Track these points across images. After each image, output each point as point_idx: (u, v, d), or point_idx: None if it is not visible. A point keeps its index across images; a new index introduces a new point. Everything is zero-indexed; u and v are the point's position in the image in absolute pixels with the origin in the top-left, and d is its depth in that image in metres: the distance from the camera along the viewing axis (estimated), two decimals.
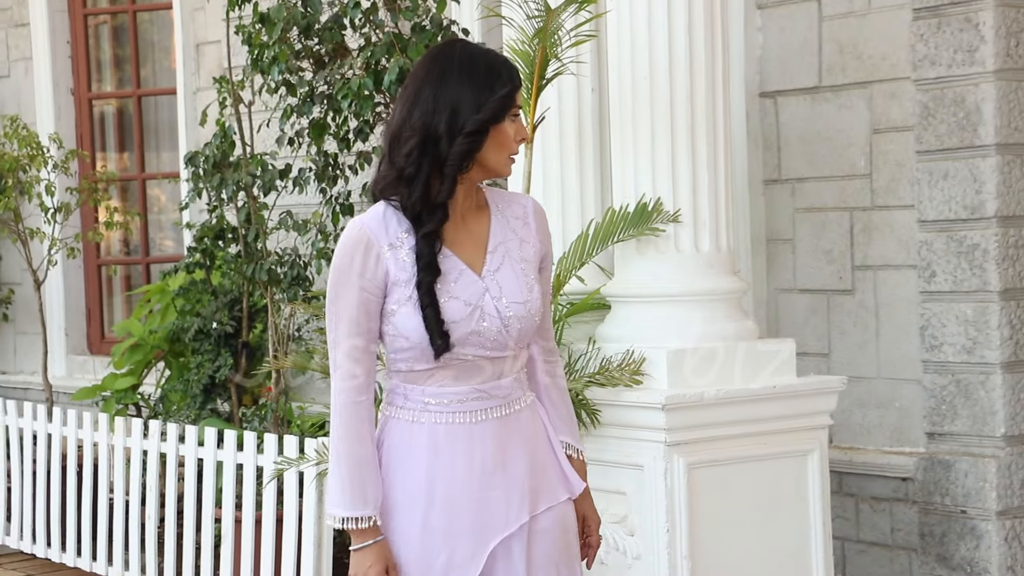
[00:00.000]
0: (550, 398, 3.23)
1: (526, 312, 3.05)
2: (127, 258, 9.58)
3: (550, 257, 3.19)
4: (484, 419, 3.06)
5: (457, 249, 3.05)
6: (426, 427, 3.04)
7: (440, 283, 3.01)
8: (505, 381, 3.08)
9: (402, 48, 5.84)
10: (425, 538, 3.03)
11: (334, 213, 6.49)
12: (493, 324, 3.02)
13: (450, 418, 3.04)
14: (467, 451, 3.04)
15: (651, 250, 4.96)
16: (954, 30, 5.67)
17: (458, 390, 3.04)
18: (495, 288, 3.04)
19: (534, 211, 3.16)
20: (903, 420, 5.97)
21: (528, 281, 3.07)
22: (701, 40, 4.99)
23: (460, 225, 3.06)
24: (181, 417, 7.33)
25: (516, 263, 3.07)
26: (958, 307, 5.72)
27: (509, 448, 3.07)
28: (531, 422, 3.14)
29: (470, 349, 3.02)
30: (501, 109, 3.00)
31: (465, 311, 3.00)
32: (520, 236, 3.11)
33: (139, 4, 9.36)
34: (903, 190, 5.92)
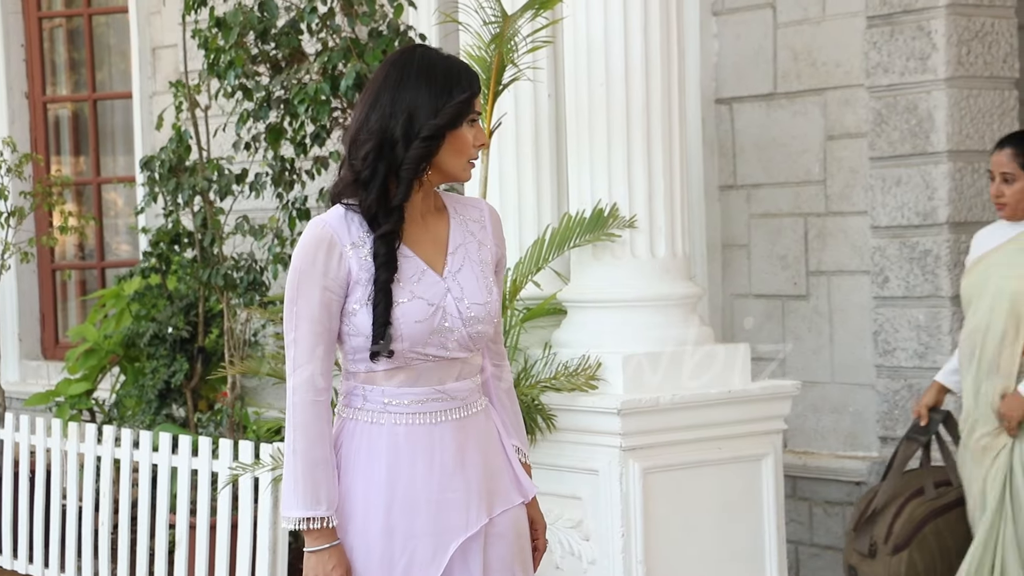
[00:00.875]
0: (501, 402, 3.24)
1: (486, 313, 3.06)
2: (82, 262, 9.53)
3: (504, 261, 3.21)
4: (443, 420, 3.06)
5: (418, 249, 3.05)
6: (386, 428, 3.04)
7: (402, 283, 3.01)
8: (464, 383, 3.09)
9: (359, 53, 5.83)
10: (386, 540, 3.03)
11: (290, 218, 6.47)
12: (455, 324, 3.02)
13: (410, 419, 3.04)
14: (427, 452, 3.03)
15: (607, 256, 4.97)
16: (907, 38, 5.71)
17: (417, 391, 3.04)
18: (456, 289, 3.04)
19: (490, 215, 3.18)
20: (856, 424, 6.00)
21: (487, 283, 3.09)
22: (657, 47, 5.01)
23: (420, 226, 3.07)
24: (136, 422, 7.29)
25: (475, 265, 3.08)
26: (911, 312, 5.75)
27: (468, 450, 3.07)
28: (486, 425, 3.14)
29: (431, 349, 3.02)
30: (458, 114, 3.00)
31: (428, 311, 3.00)
32: (478, 239, 3.12)
33: (95, 7, 9.31)
34: (857, 196, 5.95)
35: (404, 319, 2.99)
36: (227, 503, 5.53)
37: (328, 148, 6.28)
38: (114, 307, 8.04)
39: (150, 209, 7.55)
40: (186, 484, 5.72)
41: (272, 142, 6.26)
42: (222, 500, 5.52)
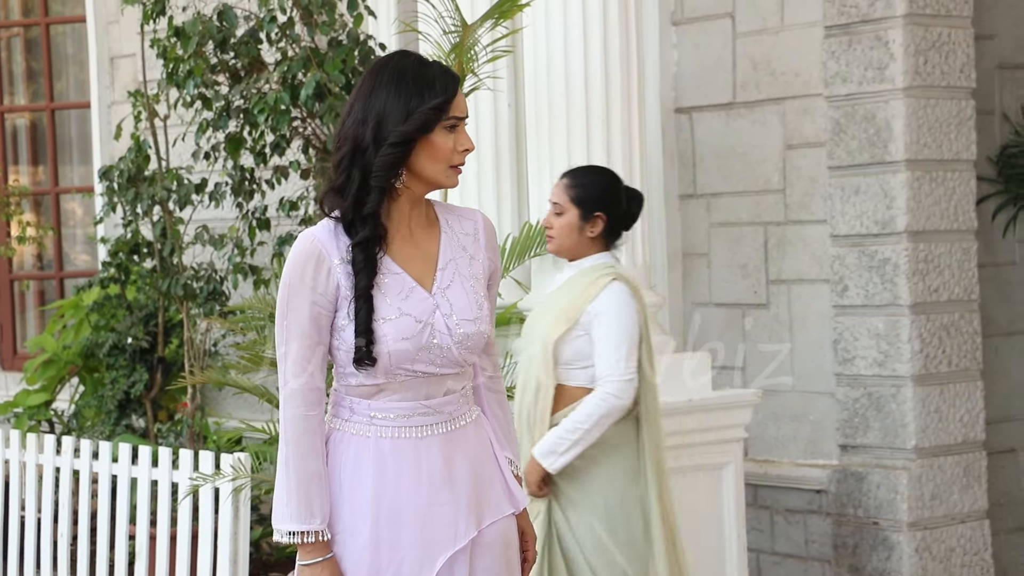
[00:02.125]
0: (493, 412, 3.21)
1: (475, 329, 3.02)
2: (40, 273, 9.47)
3: (498, 274, 3.15)
4: (429, 434, 3.03)
5: (407, 266, 3.02)
6: (371, 441, 3.02)
7: (390, 299, 2.98)
8: (452, 398, 3.05)
9: (319, 62, 5.82)
10: (373, 553, 3.01)
11: (250, 227, 6.45)
12: (443, 341, 2.99)
13: (396, 432, 3.02)
14: (413, 465, 3.02)
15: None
16: (864, 48, 5.74)
17: (404, 405, 3.02)
18: (446, 305, 3.01)
19: (484, 227, 3.12)
20: (816, 433, 6.02)
21: (478, 298, 3.04)
22: (616, 56, 5.02)
23: (409, 241, 3.04)
24: (95, 433, 7.25)
25: (466, 280, 3.04)
26: (870, 321, 5.78)
27: (456, 463, 3.04)
28: (476, 437, 3.11)
29: (420, 366, 2.99)
30: (429, 120, 2.95)
31: (416, 328, 2.97)
32: (470, 253, 3.08)
33: (52, 16, 9.26)
34: (816, 205, 5.97)
35: (391, 336, 2.96)
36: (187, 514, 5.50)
37: (288, 158, 6.27)
38: (73, 317, 7.99)
39: (109, 219, 7.52)
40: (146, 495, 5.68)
41: (232, 152, 6.24)
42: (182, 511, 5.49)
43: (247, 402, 7.14)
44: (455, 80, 3.01)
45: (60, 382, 7.94)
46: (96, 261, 8.87)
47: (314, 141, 6.12)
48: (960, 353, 5.79)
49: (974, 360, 5.84)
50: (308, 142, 6.15)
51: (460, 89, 3.02)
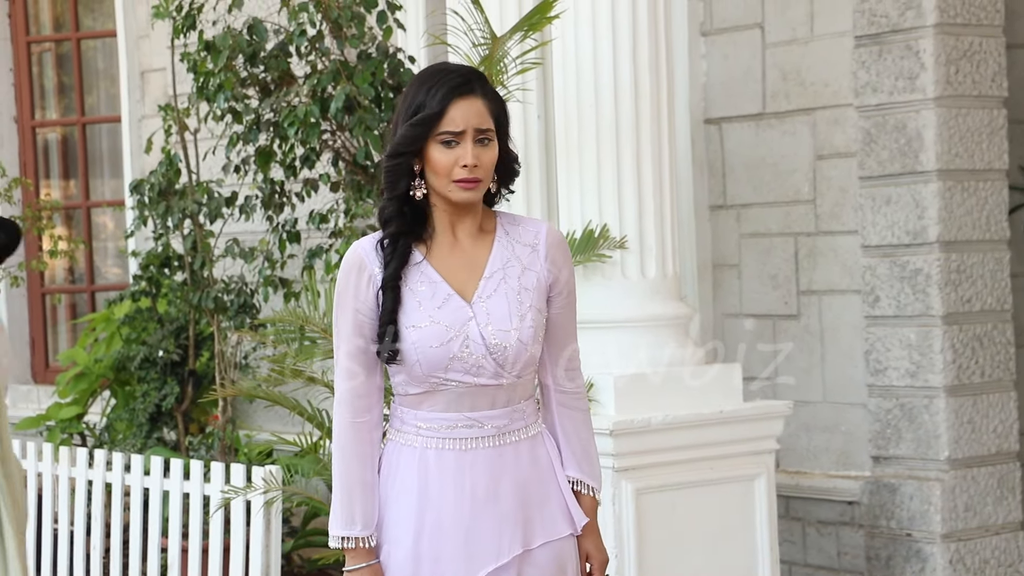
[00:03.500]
0: (563, 430, 3.14)
1: (513, 340, 2.98)
2: (72, 286, 9.51)
3: (568, 285, 3.08)
4: (474, 448, 3.02)
5: (449, 274, 3.02)
6: (417, 451, 3.03)
7: (424, 306, 2.99)
8: (499, 411, 3.03)
9: (348, 75, 5.83)
10: (415, 565, 3.02)
11: (280, 240, 6.46)
12: (476, 351, 2.97)
13: (440, 443, 3.02)
14: (456, 479, 3.01)
15: (598, 276, 4.98)
16: (895, 57, 5.72)
17: (448, 416, 3.02)
18: (483, 315, 2.99)
19: (547, 237, 3.06)
20: (848, 444, 6.00)
21: (522, 309, 3.00)
22: (646, 68, 5.02)
23: (454, 250, 3.04)
24: (127, 446, 7.27)
25: (512, 291, 3.01)
26: (902, 331, 5.76)
27: (503, 479, 3.02)
28: (531, 454, 3.07)
29: (455, 375, 2.99)
30: (414, 136, 2.95)
31: (445, 336, 2.97)
32: (524, 263, 3.03)
33: (83, 31, 9.31)
34: (847, 215, 5.96)
35: (420, 344, 2.98)
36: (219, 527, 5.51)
37: (318, 170, 6.28)
38: (104, 331, 8.02)
39: (140, 233, 7.55)
40: (178, 508, 5.70)
41: (261, 165, 6.25)
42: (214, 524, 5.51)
43: (278, 415, 7.15)
44: (453, 93, 2.95)
45: (92, 395, 7.97)
46: (127, 274, 8.91)
47: (344, 154, 6.13)
48: (993, 364, 5.76)
49: (1007, 371, 5.81)
50: (338, 155, 6.16)
51: (467, 101, 2.94)
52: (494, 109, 2.99)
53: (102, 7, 9.24)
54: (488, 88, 3.01)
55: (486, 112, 2.97)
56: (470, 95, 2.96)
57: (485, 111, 2.97)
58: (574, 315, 3.13)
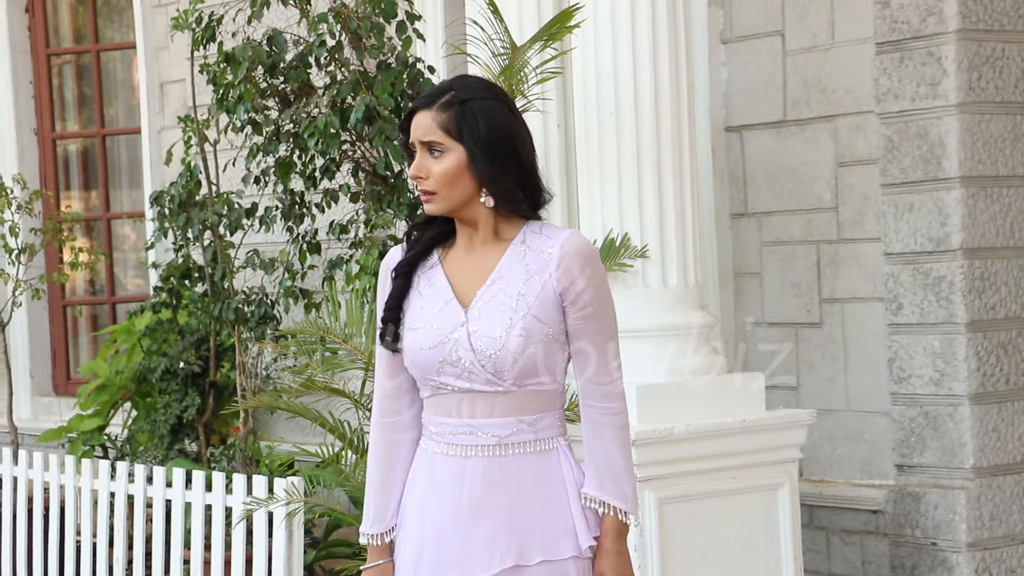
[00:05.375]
0: (588, 446, 3.09)
1: (498, 347, 2.98)
2: (93, 298, 9.55)
3: (587, 296, 3.02)
4: (473, 455, 3.03)
5: (456, 279, 3.07)
6: (428, 456, 3.09)
7: (424, 309, 3.05)
8: (499, 420, 3.03)
9: (368, 86, 5.85)
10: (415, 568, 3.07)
11: (301, 251, 6.48)
12: (465, 356, 3.00)
13: (445, 449, 3.06)
14: (456, 485, 3.04)
15: (619, 285, 4.98)
16: (917, 64, 5.72)
17: (448, 421, 3.05)
18: (474, 320, 3.01)
19: (563, 246, 3.02)
20: (872, 453, 5.99)
21: (514, 316, 2.99)
22: (666, 76, 5.03)
23: (468, 256, 3.08)
24: (148, 458, 7.30)
25: (510, 298, 3.01)
26: (925, 339, 5.75)
27: (502, 490, 3.02)
28: (539, 469, 3.05)
29: (448, 379, 3.02)
30: (401, 144, 3.11)
31: (435, 339, 3.01)
32: (530, 270, 3.02)
33: (103, 43, 9.36)
34: (869, 223, 5.96)
35: (413, 346, 3.04)
36: (241, 538, 5.54)
37: (338, 181, 6.30)
38: (125, 342, 8.06)
39: (160, 244, 7.58)
40: (200, 519, 5.73)
41: (282, 176, 6.28)
42: (236, 535, 5.53)
43: (299, 426, 7.17)
44: (413, 106, 3.03)
45: (113, 407, 8.00)
46: (148, 286, 8.94)
47: (363, 164, 6.15)
48: (1018, 371, 5.76)
49: None
50: (358, 165, 6.18)
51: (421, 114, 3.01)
52: (448, 122, 2.99)
53: (122, 19, 9.29)
54: (453, 101, 3.00)
55: (433, 125, 2.99)
56: (424, 108, 3.02)
57: (432, 124, 3.00)
58: (599, 327, 3.06)
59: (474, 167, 3.00)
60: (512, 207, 3.05)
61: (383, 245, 6.06)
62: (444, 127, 3.00)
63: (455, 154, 3.00)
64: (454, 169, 3.00)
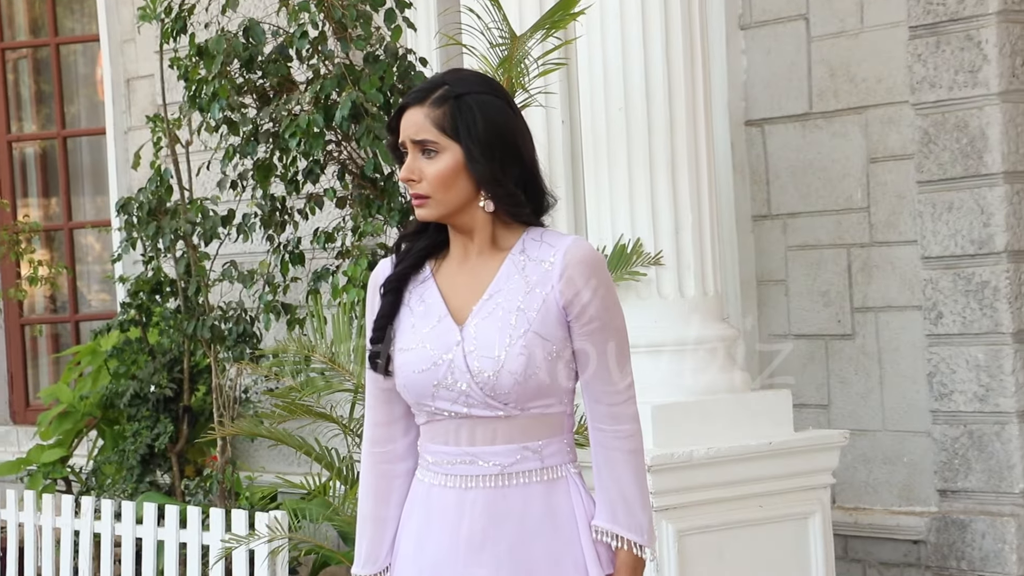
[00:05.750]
0: (599, 474, 3.07)
1: (497, 368, 2.94)
2: (54, 316, 9.55)
3: (592, 308, 2.99)
4: (473, 487, 3.00)
5: (450, 293, 3.04)
6: (424, 487, 3.07)
7: (416, 327, 3.02)
8: (501, 447, 3.00)
9: (354, 80, 5.86)
10: None
11: (283, 262, 6.49)
12: (461, 378, 2.97)
13: (442, 480, 3.03)
14: (455, 519, 3.01)
15: (631, 296, 4.98)
16: (954, 49, 5.72)
17: (447, 450, 3.02)
18: (471, 340, 2.98)
19: (565, 255, 2.99)
20: (912, 477, 5.99)
21: (514, 333, 2.96)
22: (680, 65, 5.03)
23: (463, 269, 3.05)
24: (117, 492, 7.29)
25: (509, 313, 2.97)
26: (968, 351, 5.75)
27: (504, 524, 3.00)
28: (547, 500, 3.03)
29: (443, 404, 2.99)
30: (389, 145, 3.06)
31: (429, 361, 2.98)
32: (531, 282, 2.99)
33: (63, 36, 9.36)
34: (904, 224, 5.96)
35: (405, 368, 3.01)
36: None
37: (322, 185, 6.30)
38: (90, 364, 8.04)
39: (128, 256, 7.58)
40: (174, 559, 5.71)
41: (261, 180, 6.29)
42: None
43: (283, 454, 7.16)
44: (402, 103, 3.01)
45: (77, 436, 7.99)
46: (114, 302, 8.94)
47: (350, 166, 6.16)
48: None
49: None
50: (344, 167, 6.18)
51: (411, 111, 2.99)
52: (443, 119, 2.97)
53: (83, 9, 9.29)
54: (447, 96, 2.98)
55: (427, 122, 2.97)
56: (416, 104, 3.00)
57: (425, 121, 2.97)
58: (610, 343, 3.03)
59: (472, 167, 2.97)
60: (513, 211, 3.02)
61: (372, 255, 6.06)
62: (438, 124, 2.97)
63: (451, 154, 2.97)
64: (450, 170, 2.97)
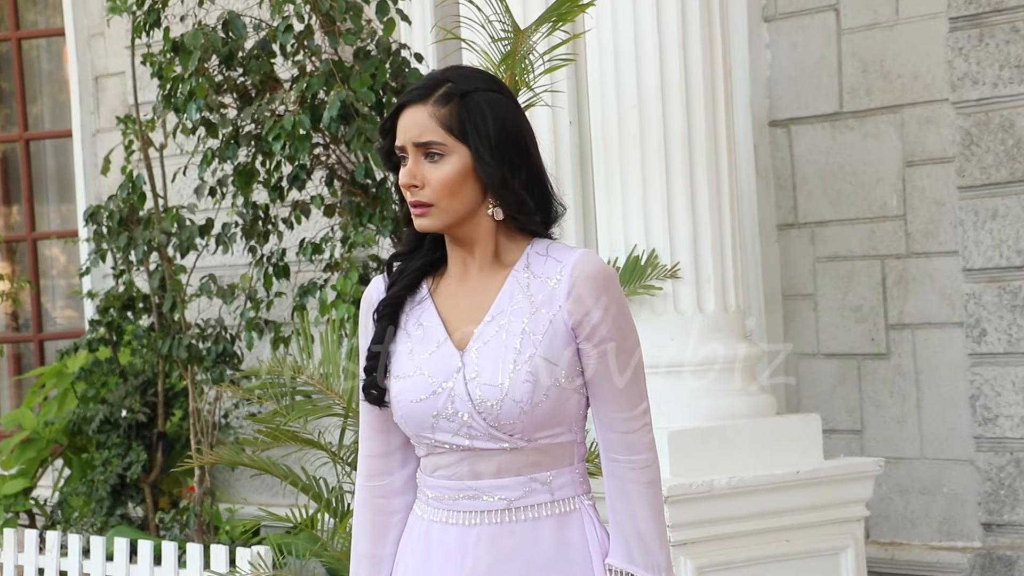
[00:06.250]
0: (613, 508, 3.07)
1: (501, 396, 2.95)
2: (16, 335, 9.58)
3: (605, 328, 2.99)
4: (478, 523, 3.03)
5: (450, 315, 3.05)
6: (423, 523, 3.08)
7: (414, 352, 3.03)
8: (508, 480, 3.02)
9: (343, 78, 5.87)
10: None
11: (266, 276, 6.49)
12: (462, 408, 2.98)
13: (444, 516, 3.05)
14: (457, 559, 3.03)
15: (646, 312, 5.00)
16: (999, 42, 5.74)
17: (449, 484, 3.04)
18: (472, 366, 2.99)
19: (573, 271, 2.99)
20: (953, 509, 6.00)
21: (518, 359, 2.97)
22: (698, 61, 5.06)
23: (463, 287, 3.06)
24: (85, 526, 7.32)
25: (513, 336, 2.98)
26: (1015, 371, 5.76)
27: (512, 563, 3.02)
28: (558, 535, 3.05)
29: (444, 436, 3.00)
30: (383, 153, 3.03)
31: (428, 390, 2.99)
32: (536, 302, 2.99)
33: (25, 29, 9.40)
34: (944, 233, 5.98)
35: (401, 397, 3.02)
36: None
37: (309, 192, 6.32)
38: (56, 387, 8.07)
39: (97, 269, 7.60)
40: None
41: (242, 186, 6.29)
42: None
43: (266, 484, 7.18)
44: (400, 102, 3.00)
45: (41, 465, 8.02)
46: (82, 319, 8.97)
47: (340, 171, 6.17)
48: None
49: None
50: (333, 173, 6.20)
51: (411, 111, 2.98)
52: (448, 118, 2.97)
53: (47, 1, 9.34)
54: (452, 93, 2.98)
55: (431, 122, 2.97)
56: (417, 103, 2.98)
57: (430, 120, 2.97)
58: (621, 366, 3.05)
59: (482, 170, 2.97)
60: (523, 219, 3.03)
61: (363, 267, 6.07)
62: (445, 124, 2.97)
63: (458, 156, 2.97)
64: (457, 175, 2.97)
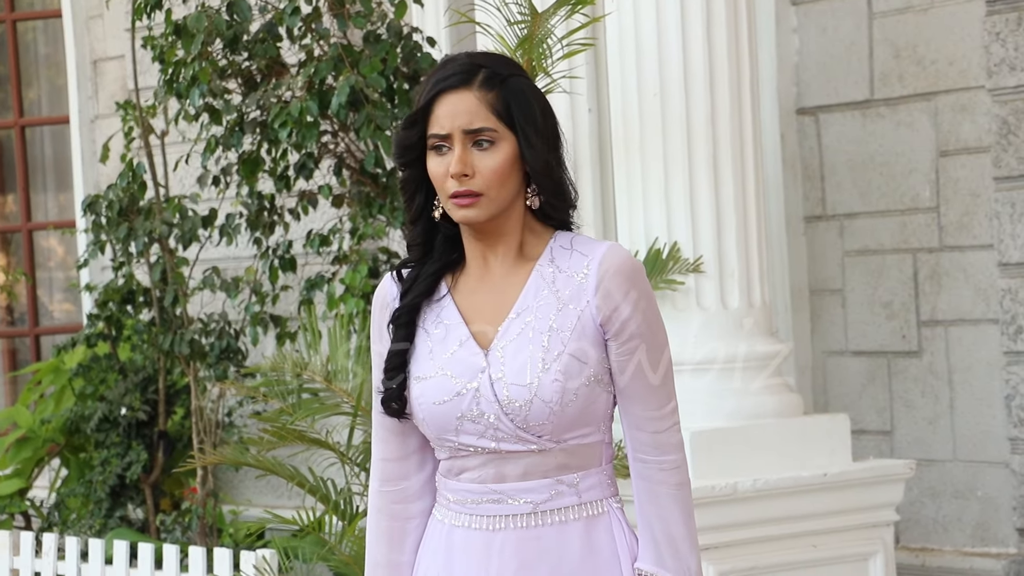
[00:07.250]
0: (641, 511, 3.07)
1: (530, 396, 2.96)
2: (11, 329, 9.60)
3: (634, 324, 3.01)
4: (503, 527, 3.03)
5: (472, 313, 3.05)
6: (445, 528, 3.08)
7: (434, 352, 3.03)
8: (534, 483, 3.03)
9: (352, 63, 5.87)
10: None
11: (272, 268, 6.50)
12: (488, 409, 2.98)
13: (467, 520, 3.05)
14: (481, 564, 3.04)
15: (667, 307, 5.01)
16: None
17: (472, 488, 3.04)
18: (497, 365, 3.00)
19: (600, 264, 3.00)
20: (987, 513, 6.00)
21: (547, 358, 2.98)
22: (723, 46, 5.06)
23: (484, 283, 3.06)
24: (83, 528, 7.33)
25: (540, 334, 2.99)
26: None
27: (538, 568, 3.03)
28: (586, 539, 3.06)
29: (468, 439, 3.01)
30: (405, 142, 3.00)
31: (452, 391, 3.00)
32: (563, 298, 3.00)
33: (21, 11, 9.42)
34: (979, 226, 5.98)
35: (423, 399, 3.02)
36: None
37: (316, 181, 6.33)
38: (52, 384, 8.09)
39: (95, 261, 7.62)
40: None
41: (247, 175, 6.30)
42: None
43: (271, 486, 7.19)
44: (440, 86, 2.98)
45: (38, 465, 8.03)
46: (80, 313, 8.98)
47: (348, 160, 6.17)
48: None
49: None
50: (341, 161, 6.20)
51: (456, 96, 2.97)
52: (497, 103, 2.97)
53: None
54: (494, 78, 2.98)
55: (481, 107, 2.97)
56: (461, 88, 2.97)
57: (479, 106, 2.96)
58: (651, 364, 3.05)
59: (529, 157, 2.99)
60: (559, 205, 3.04)
61: (373, 260, 6.08)
62: (495, 110, 2.97)
63: (507, 144, 2.98)
64: (508, 162, 2.98)
